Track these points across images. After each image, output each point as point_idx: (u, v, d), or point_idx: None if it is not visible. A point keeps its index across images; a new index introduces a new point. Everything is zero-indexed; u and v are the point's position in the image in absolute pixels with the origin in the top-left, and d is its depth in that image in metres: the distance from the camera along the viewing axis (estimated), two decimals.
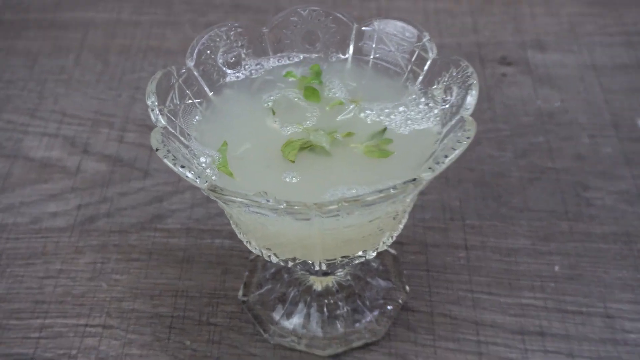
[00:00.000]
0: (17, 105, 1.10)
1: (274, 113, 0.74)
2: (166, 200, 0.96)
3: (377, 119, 0.72)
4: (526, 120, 1.05)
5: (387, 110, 0.73)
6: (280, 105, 0.75)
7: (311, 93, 0.75)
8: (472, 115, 0.66)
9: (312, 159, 0.69)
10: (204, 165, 0.68)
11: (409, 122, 0.72)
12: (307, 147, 0.69)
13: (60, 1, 1.29)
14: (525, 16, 1.23)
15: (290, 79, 0.77)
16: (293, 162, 0.68)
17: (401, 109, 0.73)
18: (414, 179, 0.61)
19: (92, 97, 1.11)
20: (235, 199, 0.60)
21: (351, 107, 0.74)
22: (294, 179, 0.67)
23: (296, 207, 0.59)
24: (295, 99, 0.75)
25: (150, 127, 1.05)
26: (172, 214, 0.95)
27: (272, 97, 0.75)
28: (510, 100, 1.08)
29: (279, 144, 0.70)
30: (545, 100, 1.08)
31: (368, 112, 0.73)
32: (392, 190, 0.60)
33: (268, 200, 0.59)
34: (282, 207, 0.59)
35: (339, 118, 0.73)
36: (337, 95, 0.75)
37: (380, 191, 0.60)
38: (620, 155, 0.99)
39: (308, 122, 0.73)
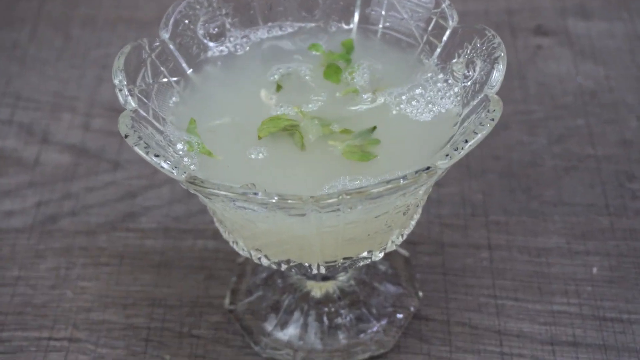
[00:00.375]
0: None
1: (278, 89, 0.82)
2: (140, 196, 1.06)
3: (397, 109, 0.79)
4: (564, 100, 1.14)
5: (404, 97, 0.81)
6: (288, 81, 0.82)
7: (333, 72, 0.82)
8: (499, 94, 0.73)
9: (288, 146, 0.77)
10: (181, 153, 0.76)
11: (429, 105, 0.80)
12: (289, 130, 0.77)
13: None
14: None
15: (314, 53, 0.85)
16: (260, 138, 0.76)
17: (418, 90, 0.81)
18: (428, 168, 0.68)
19: (52, 77, 1.21)
20: (218, 192, 0.67)
21: (365, 97, 0.81)
22: (260, 154, 0.76)
23: (290, 201, 0.66)
24: (307, 77, 0.83)
25: (120, 111, 1.14)
26: (147, 211, 1.04)
27: (280, 70, 0.83)
28: (545, 77, 1.17)
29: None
30: (587, 76, 1.17)
31: (383, 99, 0.80)
32: (401, 181, 0.67)
33: (256, 194, 0.67)
34: (273, 201, 0.67)
35: (354, 108, 0.80)
36: (355, 80, 0.83)
37: (388, 182, 0.66)
38: None
39: (310, 106, 0.81)
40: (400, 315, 0.93)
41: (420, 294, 0.95)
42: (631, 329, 0.91)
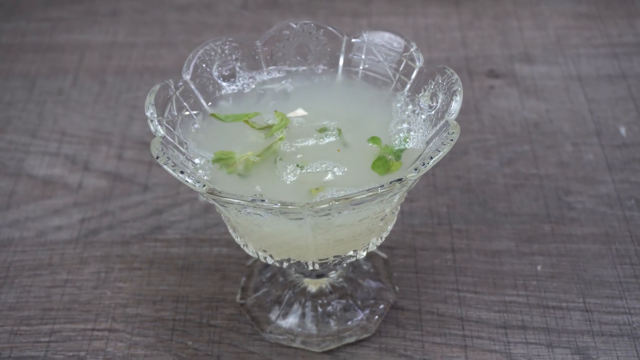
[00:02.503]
0: (18, 125, 1.23)
1: (322, 130, 0.84)
2: (165, 212, 1.09)
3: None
4: (512, 130, 1.18)
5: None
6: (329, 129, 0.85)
7: (381, 164, 0.80)
8: (460, 124, 0.77)
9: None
10: (198, 165, 0.80)
11: (401, 134, 0.84)
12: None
13: (56, 25, 1.43)
14: (514, 30, 1.37)
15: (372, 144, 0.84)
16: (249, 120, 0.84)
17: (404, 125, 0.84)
18: (400, 179, 0.72)
19: (90, 116, 1.24)
20: (232, 200, 0.72)
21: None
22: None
23: (290, 207, 0.70)
24: (331, 136, 0.84)
25: (147, 144, 1.19)
26: (172, 225, 1.08)
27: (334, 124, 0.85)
28: (497, 111, 1.21)
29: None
30: (531, 110, 1.21)
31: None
32: (379, 190, 0.71)
33: (263, 201, 0.71)
34: (276, 207, 0.71)
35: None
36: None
37: (369, 190, 0.71)
38: (602, 161, 1.13)
39: (293, 145, 0.83)
40: (381, 306, 0.96)
41: (397, 288, 0.99)
42: (569, 315, 0.95)
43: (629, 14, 1.38)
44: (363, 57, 0.89)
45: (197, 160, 0.80)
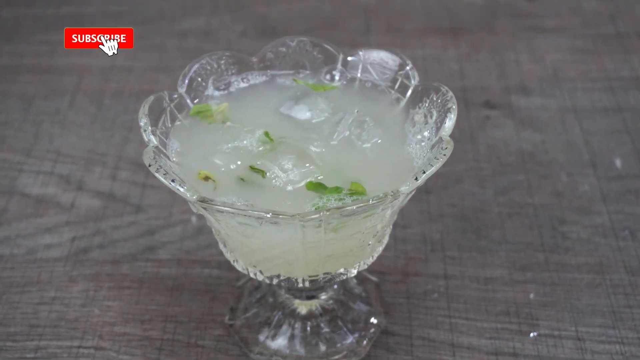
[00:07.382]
0: (12, 144, 1.23)
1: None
2: (158, 233, 1.08)
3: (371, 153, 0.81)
4: (508, 159, 1.17)
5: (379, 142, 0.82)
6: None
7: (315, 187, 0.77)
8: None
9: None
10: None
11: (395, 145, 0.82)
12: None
13: (55, 48, 1.42)
14: (510, 63, 1.37)
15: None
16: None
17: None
18: (393, 192, 0.71)
19: (86, 137, 1.24)
20: (223, 208, 0.71)
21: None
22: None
23: (281, 217, 0.69)
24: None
25: (142, 165, 1.18)
26: (163, 245, 1.06)
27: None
28: (493, 141, 1.21)
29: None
30: (526, 141, 1.21)
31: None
32: (371, 201, 0.70)
33: (254, 210, 0.70)
34: (267, 216, 0.70)
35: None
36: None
37: (360, 201, 0.70)
38: (597, 192, 1.12)
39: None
40: (371, 330, 0.95)
41: (388, 313, 0.97)
42: (561, 343, 0.93)
43: (625, 50, 1.38)
44: (359, 75, 0.89)
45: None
